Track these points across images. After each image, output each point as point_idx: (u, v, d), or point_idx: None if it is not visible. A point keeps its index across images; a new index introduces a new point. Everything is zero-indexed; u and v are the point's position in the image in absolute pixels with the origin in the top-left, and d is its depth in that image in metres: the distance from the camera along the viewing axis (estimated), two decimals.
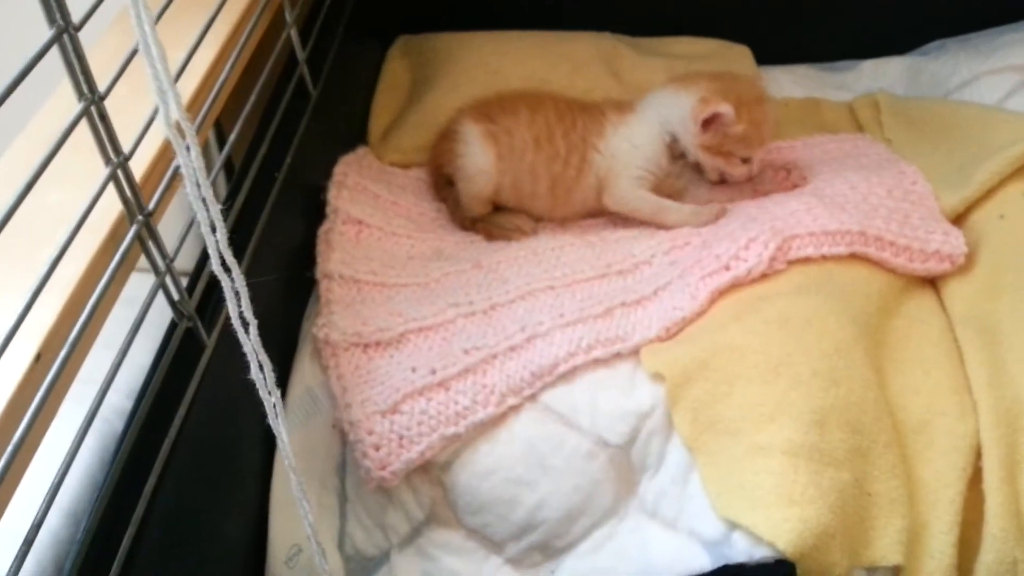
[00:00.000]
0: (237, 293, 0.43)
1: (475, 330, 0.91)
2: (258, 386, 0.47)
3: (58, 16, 0.52)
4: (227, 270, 0.42)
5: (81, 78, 0.55)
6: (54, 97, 0.73)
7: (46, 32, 0.52)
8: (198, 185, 0.38)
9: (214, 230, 0.40)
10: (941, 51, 1.35)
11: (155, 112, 0.64)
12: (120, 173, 0.59)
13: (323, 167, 1.06)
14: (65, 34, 0.53)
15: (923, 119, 1.17)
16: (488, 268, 1.00)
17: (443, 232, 1.10)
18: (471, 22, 1.32)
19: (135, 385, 0.69)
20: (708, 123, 1.00)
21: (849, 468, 0.75)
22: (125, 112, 0.60)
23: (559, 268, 1.00)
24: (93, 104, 0.56)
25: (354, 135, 1.21)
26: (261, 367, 0.47)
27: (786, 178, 1.06)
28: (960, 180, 1.00)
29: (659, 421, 0.83)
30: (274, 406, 0.48)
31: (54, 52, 0.53)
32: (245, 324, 0.44)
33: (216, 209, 0.40)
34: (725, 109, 0.99)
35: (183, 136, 0.37)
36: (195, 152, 0.38)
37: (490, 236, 1.09)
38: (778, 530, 0.72)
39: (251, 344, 0.45)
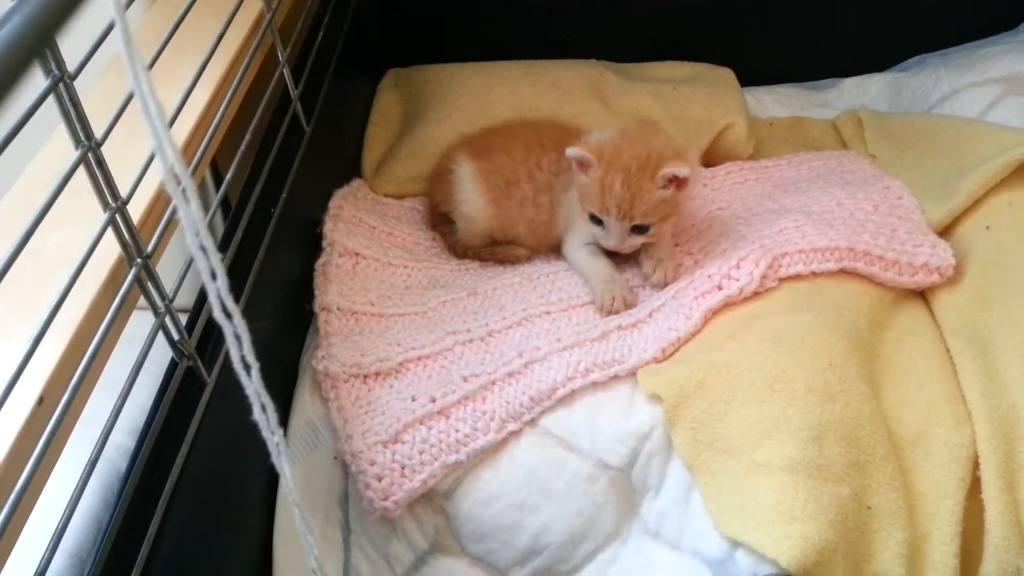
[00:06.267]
0: (239, 337, 0.44)
1: (473, 357, 0.92)
2: (261, 427, 0.48)
3: (53, 66, 0.53)
4: (227, 315, 0.43)
5: (78, 125, 0.56)
6: (50, 142, 0.74)
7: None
8: (198, 235, 0.39)
9: (214, 277, 0.41)
10: (921, 66, 1.38)
11: (151, 157, 0.65)
12: (118, 217, 0.60)
13: (318, 201, 1.07)
14: (61, 83, 0.54)
15: (906, 134, 1.19)
16: (484, 295, 1.01)
17: (439, 260, 1.11)
18: (459, 54, 1.34)
19: (136, 423, 0.69)
20: (580, 167, 0.96)
21: (848, 483, 0.76)
22: (121, 154, 0.60)
23: (554, 293, 1.01)
24: (90, 151, 0.57)
25: (348, 168, 1.23)
26: (264, 408, 0.47)
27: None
28: (945, 193, 1.02)
29: (658, 442, 0.83)
30: (277, 445, 0.49)
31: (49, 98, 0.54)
32: (247, 367, 0.45)
33: (216, 258, 0.41)
34: (575, 153, 0.94)
35: (182, 188, 0.38)
36: (194, 204, 0.38)
37: (485, 262, 1.10)
38: (780, 547, 0.72)
39: (254, 387, 0.46)
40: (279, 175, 0.93)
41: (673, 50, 1.39)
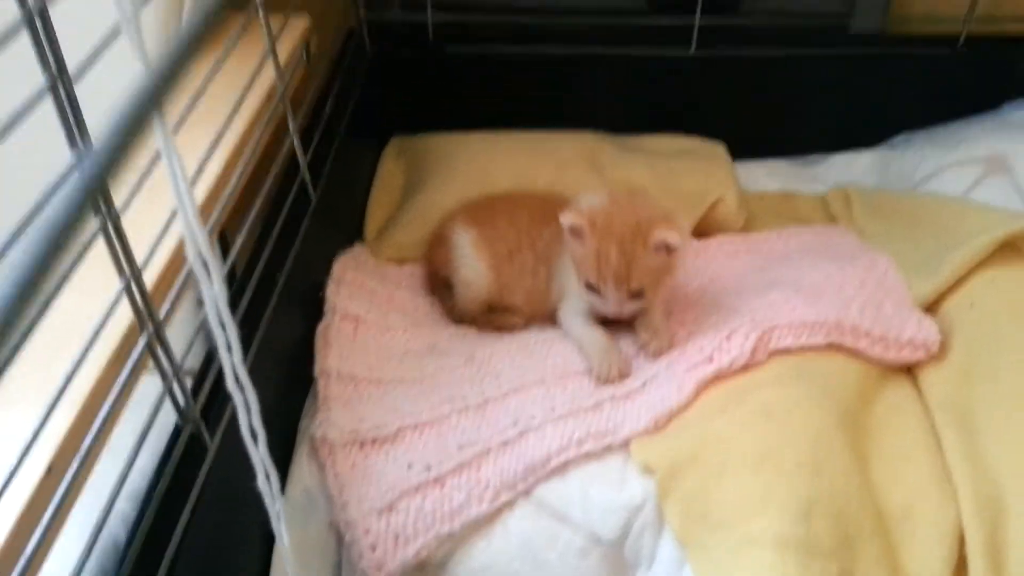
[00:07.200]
0: (248, 407, 0.45)
1: (469, 425, 0.93)
2: (263, 495, 0.49)
3: (79, 138, 0.55)
4: (240, 386, 0.44)
5: (99, 196, 0.58)
6: None
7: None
8: (218, 311, 0.41)
9: (230, 350, 0.43)
10: (908, 144, 1.42)
11: (169, 220, 0.67)
12: (133, 285, 0.61)
13: (322, 265, 1.09)
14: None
15: (893, 210, 1.23)
16: (481, 362, 1.03)
17: (437, 327, 1.12)
18: (461, 123, 1.38)
19: (136, 487, 0.69)
20: (573, 234, 0.97)
21: (837, 559, 0.77)
22: (135, 216, 0.61)
23: (550, 359, 1.02)
24: (109, 221, 0.59)
25: (351, 233, 1.25)
26: (268, 477, 0.49)
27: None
28: (930, 270, 1.04)
29: (650, 515, 0.84)
30: (278, 513, 0.50)
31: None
32: (254, 436, 0.47)
33: (234, 332, 0.43)
34: (569, 221, 0.95)
35: (207, 268, 0.40)
36: (217, 282, 0.41)
37: (482, 328, 1.11)
38: None
39: (259, 456, 0.47)
40: (286, 242, 0.95)
41: (667, 123, 1.43)
